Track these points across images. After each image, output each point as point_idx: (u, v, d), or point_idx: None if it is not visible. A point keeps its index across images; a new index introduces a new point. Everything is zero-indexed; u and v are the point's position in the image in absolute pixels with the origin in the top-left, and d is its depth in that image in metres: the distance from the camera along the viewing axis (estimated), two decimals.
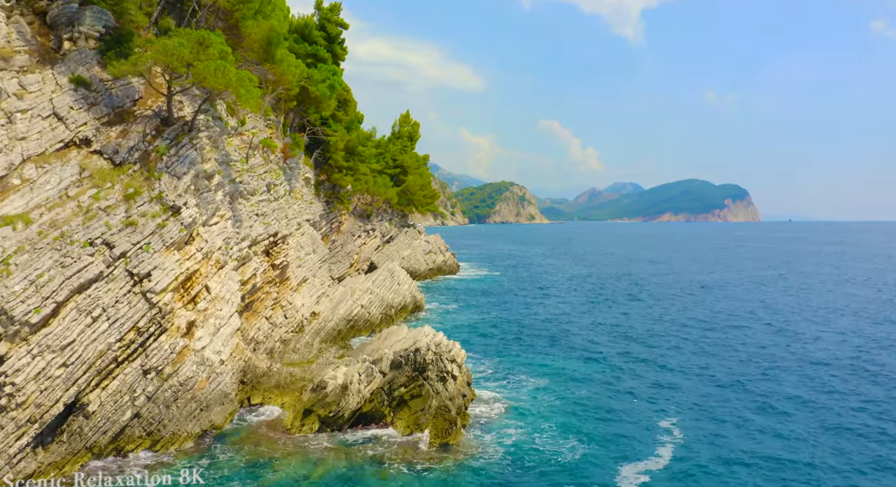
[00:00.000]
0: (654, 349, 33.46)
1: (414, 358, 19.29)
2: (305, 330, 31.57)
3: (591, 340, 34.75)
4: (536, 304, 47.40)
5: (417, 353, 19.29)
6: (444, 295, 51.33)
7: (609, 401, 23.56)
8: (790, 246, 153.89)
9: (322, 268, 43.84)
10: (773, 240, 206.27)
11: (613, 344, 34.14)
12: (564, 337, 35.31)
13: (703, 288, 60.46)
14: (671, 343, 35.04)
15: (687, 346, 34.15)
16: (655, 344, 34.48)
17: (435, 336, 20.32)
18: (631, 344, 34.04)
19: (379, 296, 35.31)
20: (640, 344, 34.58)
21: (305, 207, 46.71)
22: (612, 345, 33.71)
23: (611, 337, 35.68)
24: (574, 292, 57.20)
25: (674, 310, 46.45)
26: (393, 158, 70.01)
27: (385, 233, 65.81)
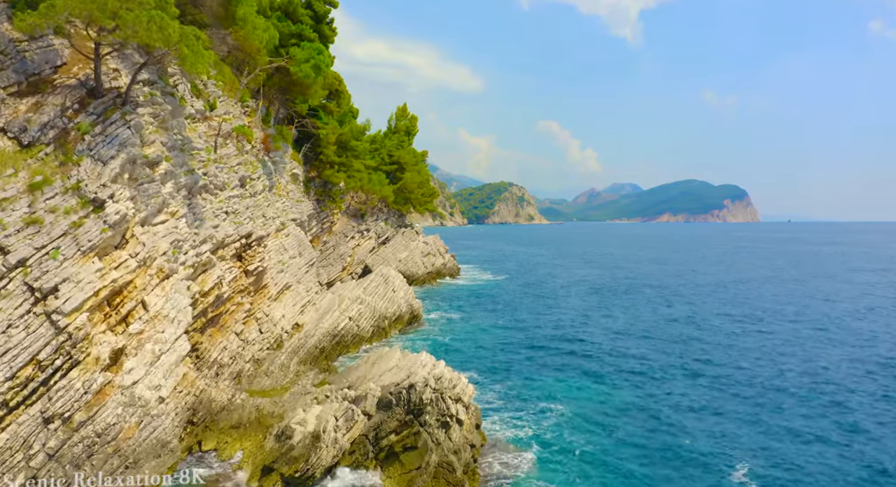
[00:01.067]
0: (691, 364, 29.08)
1: (408, 397, 14.90)
2: (284, 346, 27.10)
3: (616, 354, 30.34)
4: (547, 312, 42.97)
5: (412, 390, 14.90)
6: (444, 302, 46.89)
7: (657, 440, 19.14)
8: (815, 248, 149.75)
9: (309, 273, 39.40)
10: (784, 241, 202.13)
11: (641, 359, 29.72)
12: (584, 351, 30.87)
13: (721, 288, 56.15)
14: (709, 356, 30.64)
15: (731, 361, 29.75)
16: (690, 357, 30.11)
17: (434, 366, 15.92)
18: (662, 360, 29.58)
19: (370, 306, 30.87)
20: (671, 357, 30.18)
21: (291, 206, 42.27)
22: (641, 361, 29.29)
23: (637, 351, 31.27)
24: (586, 297, 52.77)
25: (700, 317, 42.08)
26: (389, 154, 65.58)
27: (380, 233, 61.37)
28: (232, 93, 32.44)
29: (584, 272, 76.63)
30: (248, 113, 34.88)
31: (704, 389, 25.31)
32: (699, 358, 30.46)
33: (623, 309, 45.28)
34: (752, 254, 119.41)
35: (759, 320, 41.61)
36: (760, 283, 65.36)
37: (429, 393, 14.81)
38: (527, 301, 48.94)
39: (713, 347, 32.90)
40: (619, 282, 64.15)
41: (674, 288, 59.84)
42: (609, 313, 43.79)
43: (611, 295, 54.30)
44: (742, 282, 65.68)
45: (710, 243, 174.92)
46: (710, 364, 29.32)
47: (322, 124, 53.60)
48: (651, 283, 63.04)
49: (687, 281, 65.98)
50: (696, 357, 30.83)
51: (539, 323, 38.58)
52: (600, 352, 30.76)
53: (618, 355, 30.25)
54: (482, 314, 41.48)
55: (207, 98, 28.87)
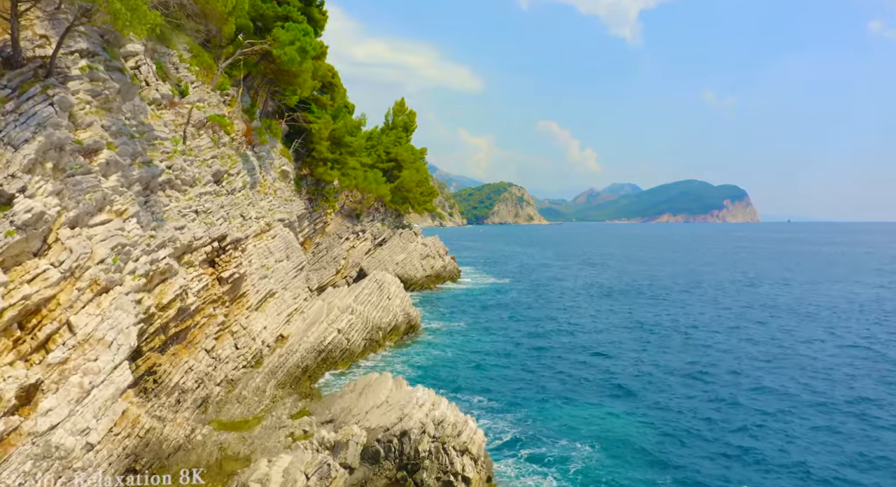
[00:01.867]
0: (726, 378, 25.85)
1: (400, 447, 11.71)
2: (264, 364, 23.82)
3: (642, 371, 26.95)
4: (557, 320, 39.65)
5: (406, 439, 11.72)
6: (445, 309, 43.59)
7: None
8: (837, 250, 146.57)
9: (298, 278, 36.14)
10: (786, 241, 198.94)
11: (673, 375, 26.38)
12: (605, 367, 27.45)
13: (744, 292, 53.01)
14: (754, 372, 27.36)
15: (784, 377, 26.48)
16: (724, 368, 26.87)
17: (434, 405, 12.73)
18: (700, 380, 26.16)
19: (363, 316, 27.61)
20: (707, 376, 26.89)
21: (279, 205, 39.02)
22: (674, 377, 25.94)
23: (666, 365, 27.95)
24: (597, 302, 49.52)
25: (723, 325, 38.85)
26: (386, 151, 62.32)
27: (377, 234, 58.11)
28: (209, 80, 29.18)
29: (591, 274, 73.40)
30: (228, 102, 31.61)
31: (764, 415, 22.06)
32: (737, 371, 27.23)
33: (637, 314, 42.05)
34: (753, 255, 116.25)
35: (792, 330, 38.41)
36: (779, 286, 62.15)
37: (427, 443, 11.61)
38: (534, 307, 45.68)
39: (752, 360, 29.64)
40: (628, 285, 60.92)
41: (689, 292, 56.61)
42: (624, 320, 40.55)
43: (622, 298, 51.06)
44: (756, 285, 62.55)
45: (711, 243, 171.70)
46: (757, 382, 26.04)
47: (314, 118, 50.35)
48: (663, 285, 59.84)
49: (700, 283, 62.77)
50: (733, 368, 27.60)
51: (550, 333, 35.29)
52: (624, 369, 27.41)
53: (645, 372, 26.84)
54: (487, 322, 38.15)
55: (178, 82, 25.61)
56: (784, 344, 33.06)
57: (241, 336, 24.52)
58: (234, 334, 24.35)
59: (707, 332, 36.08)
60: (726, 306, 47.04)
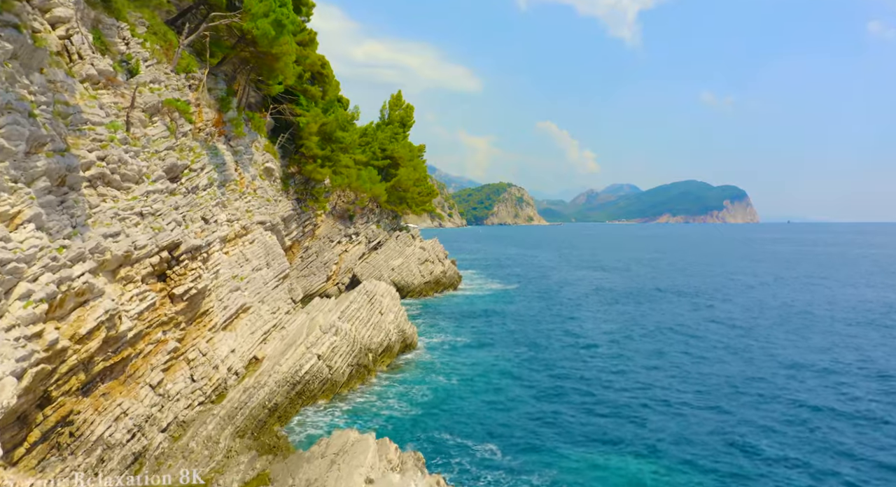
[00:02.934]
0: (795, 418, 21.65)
1: None
2: (224, 401, 19.56)
3: (692, 413, 22.40)
4: (575, 334, 35.25)
5: None
6: (446, 321, 39.29)
7: None
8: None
9: (279, 288, 31.93)
10: (794, 242, 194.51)
11: (740, 425, 21.48)
12: (645, 403, 22.47)
13: (764, 293, 48.84)
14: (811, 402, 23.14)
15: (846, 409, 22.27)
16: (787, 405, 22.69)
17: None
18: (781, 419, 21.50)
19: (349, 337, 23.35)
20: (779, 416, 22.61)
21: (260, 205, 34.85)
22: (740, 431, 20.96)
23: (722, 408, 23.00)
24: (613, 311, 45.28)
25: (761, 341, 34.65)
26: (381, 148, 58.07)
27: (371, 237, 53.89)
28: (170, 59, 24.95)
29: (600, 278, 69.15)
30: (195, 87, 27.37)
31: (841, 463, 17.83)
32: (796, 400, 23.02)
33: (661, 326, 37.85)
34: (768, 256, 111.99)
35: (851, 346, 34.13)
36: (803, 291, 57.93)
37: None
38: (546, 318, 41.38)
39: (804, 391, 25.41)
40: (642, 292, 56.69)
41: (716, 304, 52.38)
42: (647, 332, 36.36)
43: (639, 307, 46.86)
44: (771, 284, 58.34)
45: (716, 244, 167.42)
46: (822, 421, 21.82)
47: (302, 111, 46.13)
48: (683, 291, 55.67)
49: (725, 296, 58.52)
50: (795, 398, 23.39)
51: (569, 352, 30.96)
52: (667, 406, 22.66)
53: (697, 416, 22.01)
54: (492, 338, 33.82)
55: (126, 59, 21.38)
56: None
57: (200, 364, 20.27)
58: (190, 362, 20.10)
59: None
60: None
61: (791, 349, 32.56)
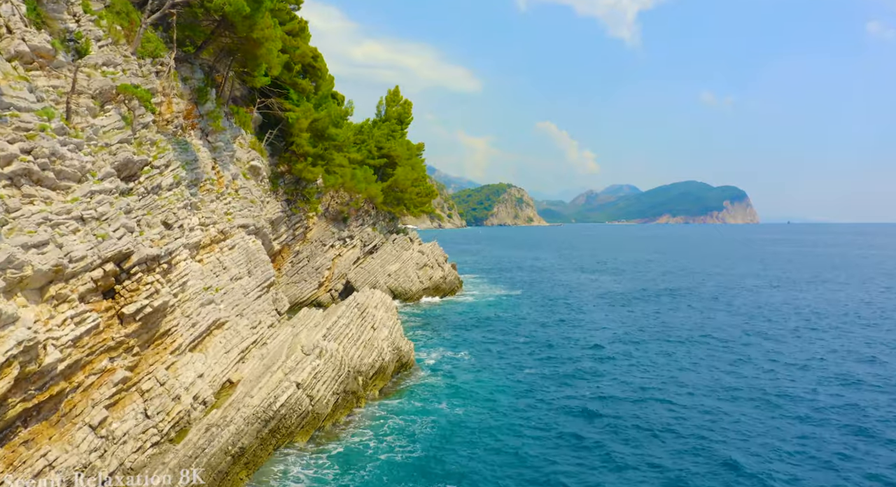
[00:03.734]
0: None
1: None
2: (185, 440, 16.45)
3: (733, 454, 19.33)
4: (590, 349, 31.91)
5: None
6: (446, 332, 36.13)
7: None
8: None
9: (262, 299, 28.89)
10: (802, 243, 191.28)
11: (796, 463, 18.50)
12: (687, 435, 19.78)
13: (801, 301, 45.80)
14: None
15: None
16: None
17: None
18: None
19: (335, 359, 20.25)
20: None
21: (243, 207, 31.80)
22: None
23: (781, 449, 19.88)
24: (628, 319, 42.17)
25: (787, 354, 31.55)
26: (377, 145, 55.00)
27: (367, 241, 50.81)
28: (131, 40, 21.87)
29: (607, 282, 66.03)
30: (165, 75, 24.30)
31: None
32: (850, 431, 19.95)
33: (679, 334, 34.80)
34: (790, 262, 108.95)
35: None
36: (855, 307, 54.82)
37: None
38: (556, 328, 38.18)
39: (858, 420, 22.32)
40: (652, 296, 53.60)
41: (731, 309, 49.34)
42: (666, 341, 33.30)
43: (651, 312, 43.79)
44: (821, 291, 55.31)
45: (720, 245, 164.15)
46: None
47: (292, 106, 43.09)
48: (696, 295, 52.62)
49: (740, 300, 55.49)
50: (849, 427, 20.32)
51: (586, 368, 27.67)
52: (716, 432, 19.66)
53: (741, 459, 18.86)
54: (500, 354, 30.46)
55: (77, 37, 18.30)
56: None
57: (157, 395, 17.16)
58: (144, 394, 17.00)
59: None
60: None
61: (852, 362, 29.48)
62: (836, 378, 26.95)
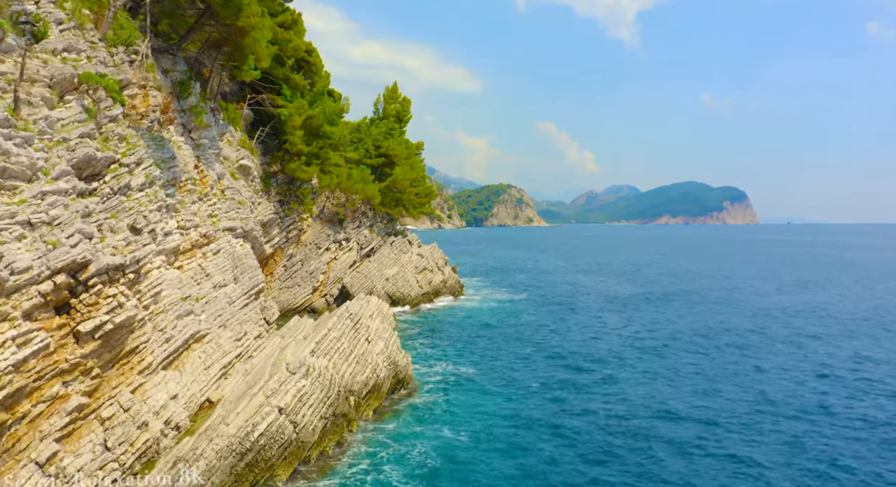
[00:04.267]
0: None
1: None
2: (152, 477, 14.42)
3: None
4: (603, 363, 29.62)
5: None
6: (446, 342, 34.07)
7: None
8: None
9: (249, 308, 26.96)
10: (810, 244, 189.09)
11: None
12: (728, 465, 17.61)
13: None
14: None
15: None
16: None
17: None
18: None
19: (323, 379, 18.23)
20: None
21: (230, 209, 29.86)
22: None
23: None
24: (639, 326, 40.14)
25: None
26: (375, 144, 52.98)
27: (364, 243, 48.80)
28: (100, 26, 19.85)
29: (613, 285, 64.02)
30: (139, 65, 22.27)
31: None
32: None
33: (695, 342, 32.79)
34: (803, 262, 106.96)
35: None
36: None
37: None
38: (565, 337, 35.96)
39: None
40: (661, 300, 51.59)
41: (745, 314, 47.35)
42: (680, 349, 31.30)
43: (663, 318, 41.79)
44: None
45: (725, 246, 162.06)
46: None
47: (284, 102, 41.08)
48: (708, 299, 50.63)
49: (754, 304, 53.47)
50: None
51: (600, 383, 25.62)
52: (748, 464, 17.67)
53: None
54: (507, 366, 28.21)
55: (35, 20, 16.27)
56: None
57: (120, 423, 15.15)
58: (105, 422, 14.98)
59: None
60: None
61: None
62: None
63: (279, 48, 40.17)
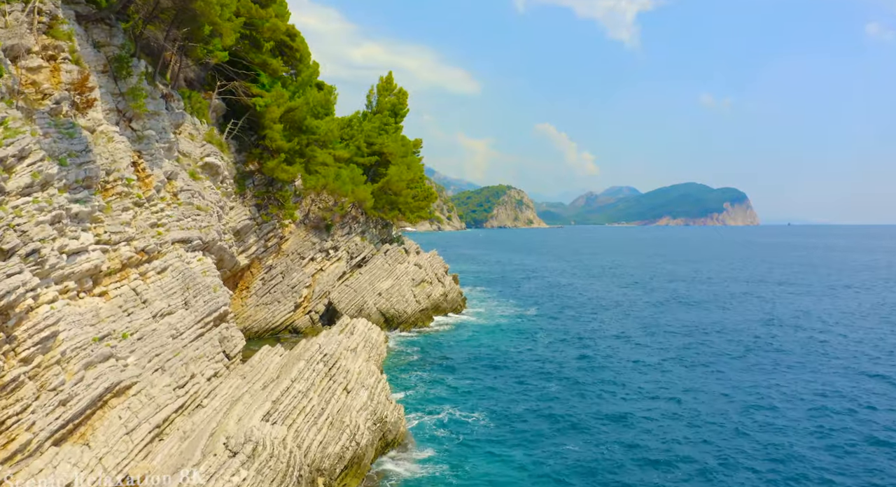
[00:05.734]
0: None
1: None
2: None
3: None
4: (649, 401, 24.48)
5: None
6: (449, 376, 28.28)
7: None
8: None
9: (203, 340, 21.65)
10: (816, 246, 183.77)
11: None
12: None
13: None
14: None
15: None
16: None
17: None
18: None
19: (277, 462, 12.82)
20: None
21: (184, 216, 24.48)
22: None
23: None
24: (679, 350, 34.72)
25: None
26: (368, 141, 47.59)
27: (354, 252, 43.40)
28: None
29: (634, 297, 58.57)
30: (45, 30, 16.90)
31: None
32: None
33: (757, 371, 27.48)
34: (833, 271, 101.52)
35: None
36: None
37: None
38: (600, 372, 29.85)
39: None
40: (699, 317, 46.19)
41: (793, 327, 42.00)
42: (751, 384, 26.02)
43: (701, 341, 36.49)
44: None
45: (732, 248, 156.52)
46: None
47: (260, 90, 35.72)
48: (751, 310, 45.39)
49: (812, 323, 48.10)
50: None
51: (664, 440, 20.37)
52: None
53: None
54: (530, 414, 21.78)
55: None
56: None
57: None
58: None
59: None
60: None
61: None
62: None
63: (255, 29, 34.84)
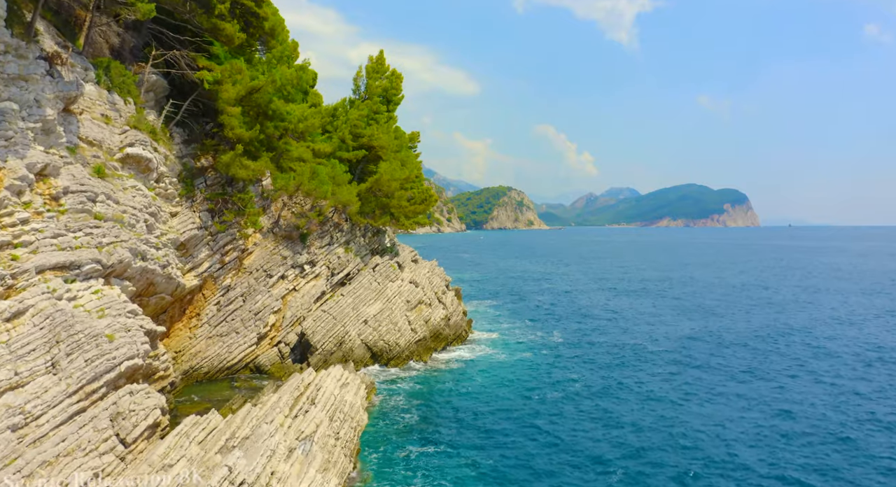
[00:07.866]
0: None
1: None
2: None
3: None
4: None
5: None
6: (453, 451, 20.49)
7: None
8: None
9: (79, 422, 13.35)
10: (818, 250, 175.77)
11: None
12: None
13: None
14: None
15: None
16: None
17: None
18: None
19: None
20: None
21: (70, 230, 16.37)
22: None
23: None
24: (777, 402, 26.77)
25: None
26: (354, 132, 39.54)
27: (336, 268, 35.37)
28: None
29: (672, 317, 50.68)
30: None
31: None
32: None
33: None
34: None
35: None
36: None
37: None
38: (663, 432, 22.34)
39: None
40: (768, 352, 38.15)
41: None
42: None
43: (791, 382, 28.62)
44: None
45: (742, 252, 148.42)
46: None
47: (208, 62, 27.80)
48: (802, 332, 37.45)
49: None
50: None
51: None
52: None
53: None
54: None
55: None
56: None
57: None
58: None
59: None
60: None
61: None
62: None
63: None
